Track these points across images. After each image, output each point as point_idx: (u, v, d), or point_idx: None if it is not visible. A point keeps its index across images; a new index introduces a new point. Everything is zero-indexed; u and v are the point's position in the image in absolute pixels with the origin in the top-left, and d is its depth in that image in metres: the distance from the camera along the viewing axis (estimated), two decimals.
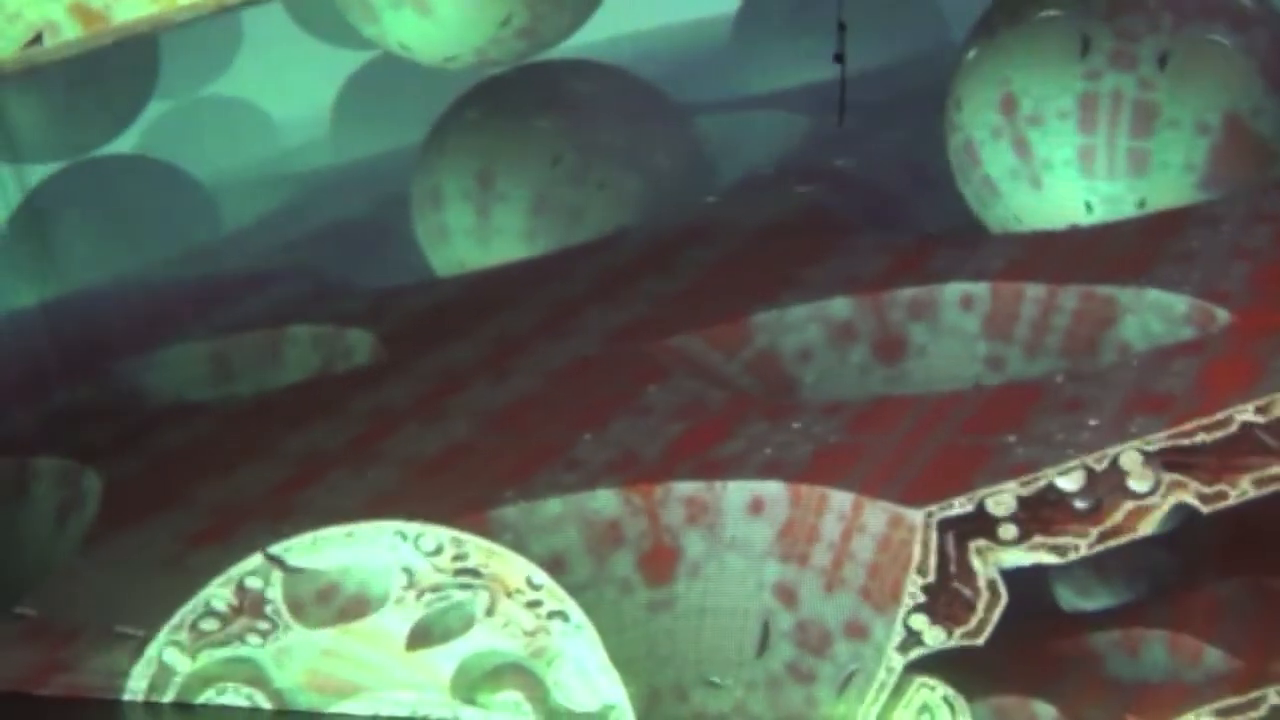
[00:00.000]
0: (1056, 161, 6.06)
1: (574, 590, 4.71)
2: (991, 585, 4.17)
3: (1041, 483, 4.28)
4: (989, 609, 4.17)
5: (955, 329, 5.44)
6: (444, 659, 4.38)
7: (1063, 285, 5.30)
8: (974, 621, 4.17)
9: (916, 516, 4.18)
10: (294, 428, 5.78)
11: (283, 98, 9.66)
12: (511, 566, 4.44)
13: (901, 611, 4.13)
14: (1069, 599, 5.07)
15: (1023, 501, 4.22)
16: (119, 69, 8.20)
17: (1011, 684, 4.58)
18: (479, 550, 4.52)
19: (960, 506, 4.19)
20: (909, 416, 4.76)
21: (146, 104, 8.54)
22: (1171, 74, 5.99)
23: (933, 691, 4.20)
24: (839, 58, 5.75)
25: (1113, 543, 4.21)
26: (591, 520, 4.81)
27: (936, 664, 4.47)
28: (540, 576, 4.39)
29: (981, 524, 4.25)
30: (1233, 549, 4.89)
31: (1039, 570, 4.74)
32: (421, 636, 4.37)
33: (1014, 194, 6.16)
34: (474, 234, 7.12)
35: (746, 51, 8.54)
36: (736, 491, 4.65)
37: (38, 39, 4.43)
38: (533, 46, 7.19)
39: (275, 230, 8.20)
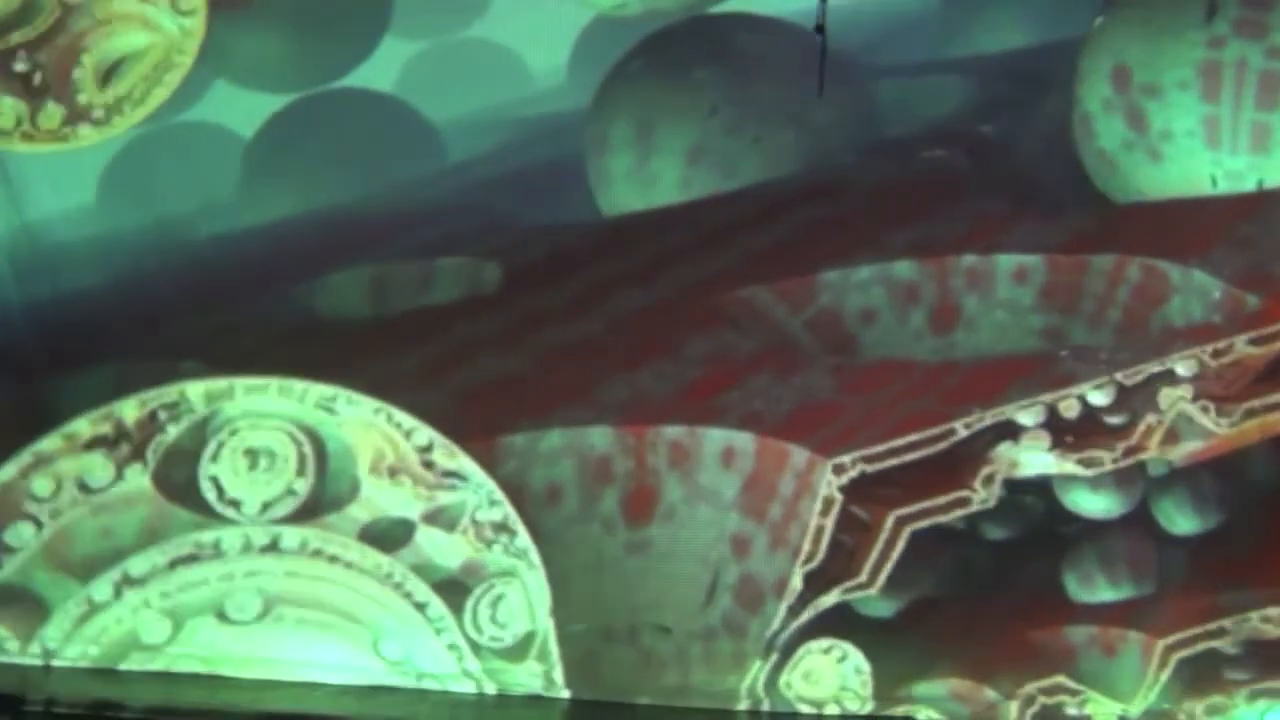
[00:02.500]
0: (1177, 132, 5.79)
1: (564, 524, 4.85)
2: (889, 540, 4.12)
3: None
4: (881, 562, 4.13)
5: (1008, 301, 5.32)
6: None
7: (1129, 257, 5.13)
8: (865, 574, 4.14)
9: (827, 469, 4.17)
10: (387, 352, 6.03)
11: (536, 43, 9.92)
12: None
13: (796, 569, 4.13)
14: (1073, 587, 4.94)
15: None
16: (350, 5, 8.58)
17: (974, 668, 4.51)
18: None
19: (861, 463, 4.17)
20: (900, 381, 4.69)
21: (378, 42, 8.90)
22: None
23: (827, 655, 4.18)
24: (819, 29, 5.64)
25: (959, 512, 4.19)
26: (586, 455, 4.91)
27: (892, 635, 4.44)
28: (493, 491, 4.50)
29: (879, 480, 4.22)
30: (1256, 559, 4.69)
31: (1030, 554, 4.68)
32: (371, 544, 4.56)
33: (1131, 166, 5.93)
34: (633, 180, 7.21)
35: (955, 16, 8.39)
36: (712, 440, 4.69)
37: None
38: None
39: (479, 169, 8.47)
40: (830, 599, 4.27)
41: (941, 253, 5.38)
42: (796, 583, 4.23)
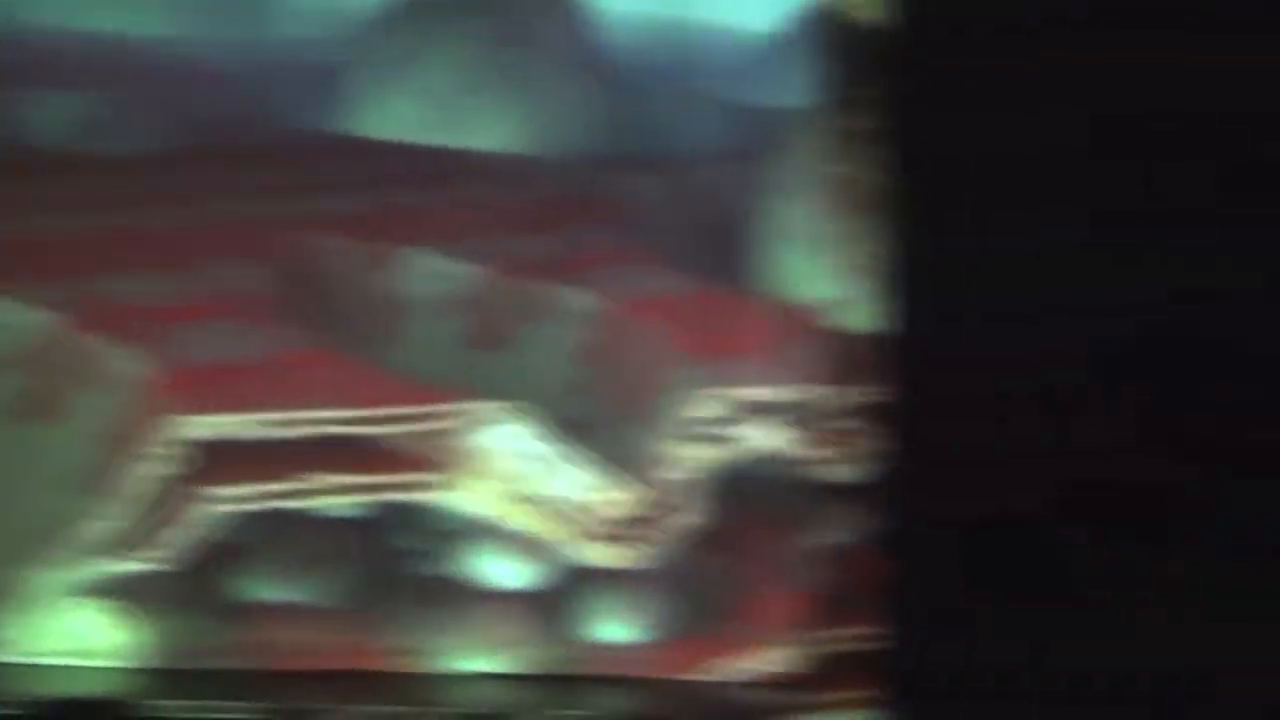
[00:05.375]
0: None
1: None
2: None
3: None
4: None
5: (557, 338, 5.03)
6: None
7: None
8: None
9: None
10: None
11: None
12: None
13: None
14: None
15: None
16: None
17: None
18: None
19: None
20: (328, 371, 4.50)
21: None
22: None
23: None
24: None
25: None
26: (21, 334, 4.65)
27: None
28: None
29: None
30: None
31: None
32: None
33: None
34: (371, 112, 6.90)
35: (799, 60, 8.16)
36: (119, 360, 4.46)
37: None
38: None
39: None
40: (126, 564, 4.09)
41: (523, 268, 5.11)
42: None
